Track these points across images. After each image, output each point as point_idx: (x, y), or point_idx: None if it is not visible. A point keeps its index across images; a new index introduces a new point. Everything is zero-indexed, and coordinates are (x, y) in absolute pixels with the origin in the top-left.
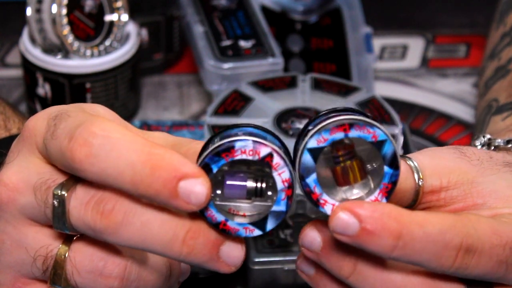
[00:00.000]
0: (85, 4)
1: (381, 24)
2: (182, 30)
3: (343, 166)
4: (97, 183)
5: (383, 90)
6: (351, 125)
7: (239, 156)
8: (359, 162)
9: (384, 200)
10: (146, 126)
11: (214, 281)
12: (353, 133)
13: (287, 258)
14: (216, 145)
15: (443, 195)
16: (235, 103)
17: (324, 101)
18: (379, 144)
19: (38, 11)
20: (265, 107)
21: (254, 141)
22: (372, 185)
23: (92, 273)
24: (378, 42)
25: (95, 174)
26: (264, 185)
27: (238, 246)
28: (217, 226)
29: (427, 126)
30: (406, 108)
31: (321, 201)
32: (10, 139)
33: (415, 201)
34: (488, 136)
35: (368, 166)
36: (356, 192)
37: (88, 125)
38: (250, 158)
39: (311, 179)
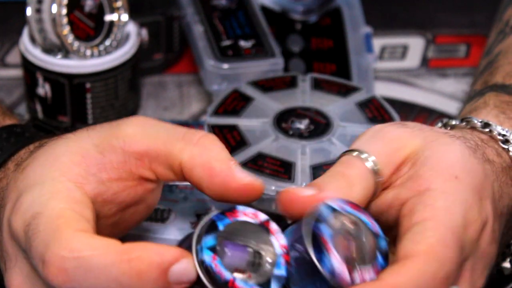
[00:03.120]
0: (85, 4)
1: (381, 24)
2: (182, 30)
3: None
4: None
5: (383, 90)
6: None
7: (241, 217)
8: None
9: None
10: None
11: None
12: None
13: None
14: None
15: (394, 178)
16: (235, 103)
17: (324, 101)
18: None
19: (38, 11)
20: (265, 107)
21: (253, 208)
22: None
23: None
24: (378, 42)
25: None
26: (261, 261)
27: None
28: (226, 285)
29: None
30: (406, 108)
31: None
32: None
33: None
34: (446, 119)
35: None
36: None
37: (55, 248)
38: (251, 220)
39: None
